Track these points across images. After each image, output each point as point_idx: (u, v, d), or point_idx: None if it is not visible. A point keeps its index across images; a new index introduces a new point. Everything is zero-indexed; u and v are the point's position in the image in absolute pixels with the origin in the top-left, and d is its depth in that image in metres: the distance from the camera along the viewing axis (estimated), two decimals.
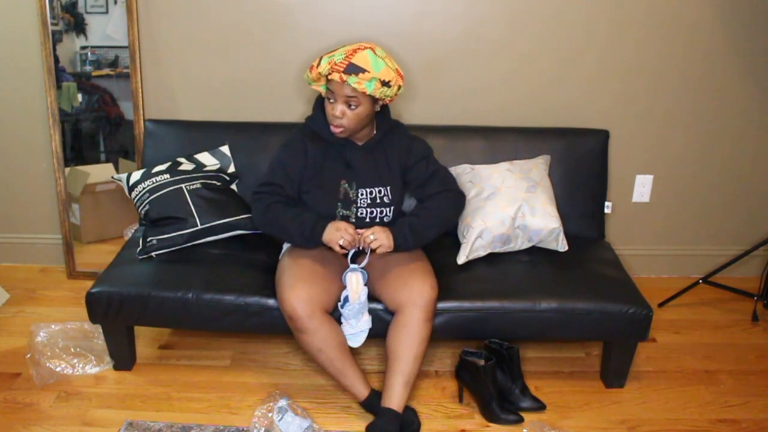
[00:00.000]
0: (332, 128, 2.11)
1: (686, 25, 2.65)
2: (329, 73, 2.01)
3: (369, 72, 1.99)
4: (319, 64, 2.04)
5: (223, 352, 2.44)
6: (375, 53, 2.03)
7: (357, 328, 2.07)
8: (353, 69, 1.98)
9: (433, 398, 2.24)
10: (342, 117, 2.06)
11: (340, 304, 2.07)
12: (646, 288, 2.43)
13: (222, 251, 2.33)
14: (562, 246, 2.36)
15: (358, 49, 2.02)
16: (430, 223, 2.17)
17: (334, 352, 2.05)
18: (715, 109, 2.80)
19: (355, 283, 2.06)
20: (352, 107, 2.05)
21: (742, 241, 2.99)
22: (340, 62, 1.99)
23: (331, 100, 2.07)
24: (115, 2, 2.66)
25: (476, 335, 2.20)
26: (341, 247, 2.06)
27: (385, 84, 2.02)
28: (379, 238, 2.07)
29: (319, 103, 2.19)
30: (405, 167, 2.24)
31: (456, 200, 2.27)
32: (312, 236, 2.09)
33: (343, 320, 2.08)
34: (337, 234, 2.05)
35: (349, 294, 2.05)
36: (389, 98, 2.10)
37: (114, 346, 2.29)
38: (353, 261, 2.12)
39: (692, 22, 2.65)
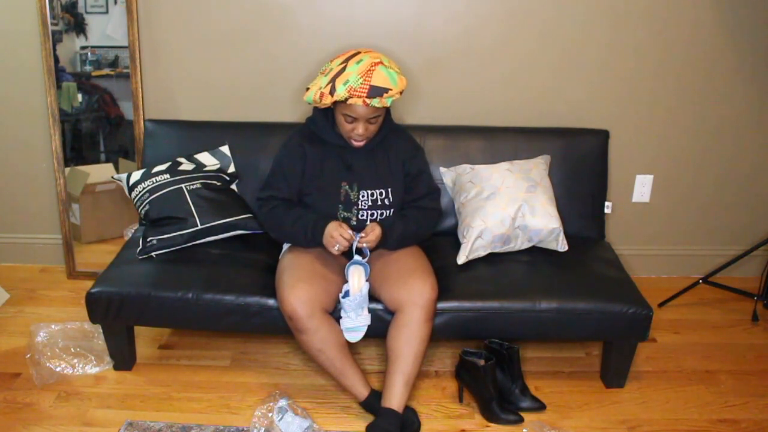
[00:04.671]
0: (353, 143, 2.14)
1: (686, 25, 2.65)
2: (347, 98, 2.01)
3: (391, 90, 2.01)
4: (332, 91, 2.01)
5: (223, 352, 2.44)
6: (386, 66, 2.03)
7: (356, 322, 2.07)
8: (377, 92, 1.99)
9: (433, 398, 2.23)
10: (366, 133, 2.10)
11: (341, 295, 2.08)
12: (646, 288, 2.43)
13: (222, 251, 2.33)
14: (562, 246, 2.36)
15: (371, 69, 2.00)
16: (415, 236, 2.25)
17: (334, 352, 2.05)
18: (715, 109, 2.80)
19: (356, 276, 2.06)
20: (373, 122, 2.09)
21: (742, 241, 2.99)
22: (360, 87, 1.99)
23: (350, 120, 2.08)
24: (115, 2, 2.66)
25: (476, 335, 2.20)
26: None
27: (401, 92, 2.07)
28: (367, 239, 2.08)
29: None
30: (407, 173, 2.25)
31: (437, 220, 2.37)
32: (313, 238, 2.11)
33: (342, 313, 2.08)
34: (332, 241, 2.06)
35: (350, 287, 2.05)
36: None
37: (114, 346, 2.29)
38: (357, 254, 2.13)
39: (692, 22, 2.65)
